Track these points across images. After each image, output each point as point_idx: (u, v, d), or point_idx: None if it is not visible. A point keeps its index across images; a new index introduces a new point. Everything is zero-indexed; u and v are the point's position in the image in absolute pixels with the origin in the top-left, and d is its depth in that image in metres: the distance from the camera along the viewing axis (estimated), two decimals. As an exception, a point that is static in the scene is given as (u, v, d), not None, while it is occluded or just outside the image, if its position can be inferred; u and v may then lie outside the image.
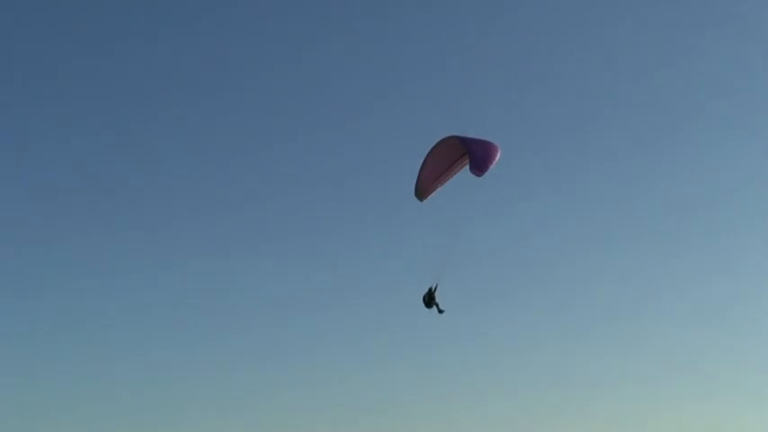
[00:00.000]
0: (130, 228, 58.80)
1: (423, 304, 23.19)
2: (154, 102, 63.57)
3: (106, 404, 48.56)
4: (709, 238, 58.88)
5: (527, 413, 48.44)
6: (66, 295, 54.74)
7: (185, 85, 64.08)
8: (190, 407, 49.25)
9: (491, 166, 21.41)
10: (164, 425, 47.78)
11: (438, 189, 22.82)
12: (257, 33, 63.98)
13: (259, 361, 51.91)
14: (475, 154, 21.31)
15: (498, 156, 21.58)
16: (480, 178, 21.25)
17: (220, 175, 63.05)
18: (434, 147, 22.30)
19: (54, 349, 51.55)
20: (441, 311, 23.15)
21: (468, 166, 21.59)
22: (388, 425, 48.04)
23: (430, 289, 23.07)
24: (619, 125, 63.78)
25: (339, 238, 59.54)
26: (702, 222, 59.76)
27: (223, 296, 55.48)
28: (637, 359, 51.85)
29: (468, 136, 21.89)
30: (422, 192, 22.97)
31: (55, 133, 61.72)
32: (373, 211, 60.40)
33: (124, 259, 56.87)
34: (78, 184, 61.16)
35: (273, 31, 63.57)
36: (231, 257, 57.63)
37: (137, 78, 63.26)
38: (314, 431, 47.96)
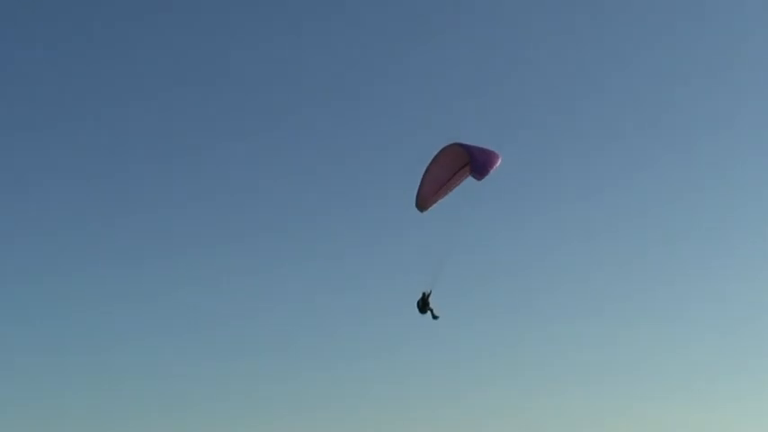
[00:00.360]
0: (126, 225, 59.16)
1: (417, 310, 22.99)
2: (153, 96, 63.63)
3: (103, 404, 48.88)
4: (704, 236, 59.38)
5: (522, 415, 48.78)
6: (64, 293, 55.04)
7: (181, 81, 64.21)
8: (188, 406, 49.52)
9: (491, 171, 21.51)
10: (162, 424, 48.10)
11: (439, 201, 22.70)
12: (253, 28, 63.93)
13: (256, 361, 52.18)
14: (476, 158, 21.41)
15: (499, 163, 21.64)
16: (480, 183, 21.33)
17: (219, 172, 63.21)
18: (437, 155, 22.27)
19: (50, 349, 51.88)
20: (435, 317, 23.00)
21: (469, 178, 21.65)
22: (384, 426, 48.38)
23: (424, 294, 22.94)
24: (613, 128, 64.08)
25: (335, 239, 59.65)
26: (697, 220, 60.27)
27: (220, 295, 55.71)
28: (633, 360, 52.17)
29: (471, 144, 21.93)
30: (423, 203, 22.88)
31: (55, 131, 61.95)
32: (370, 214, 60.51)
33: (119, 255, 57.22)
34: (75, 181, 61.34)
35: (270, 26, 63.64)
36: (229, 257, 57.82)
37: (134, 74, 63.45)
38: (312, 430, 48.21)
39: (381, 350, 52.81)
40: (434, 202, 22.73)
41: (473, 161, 21.38)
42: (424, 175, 22.61)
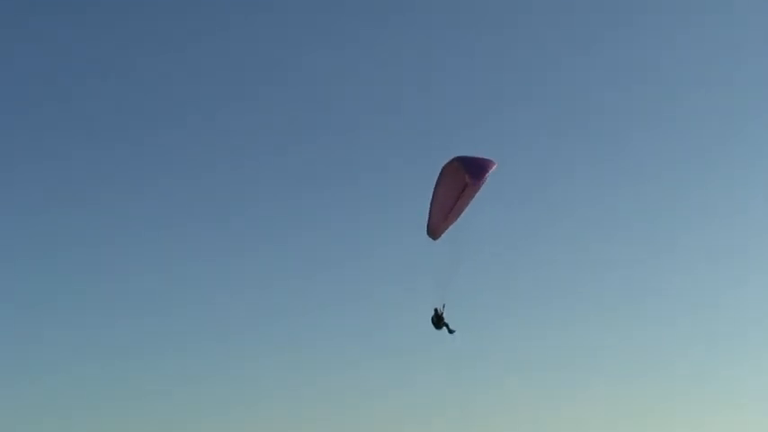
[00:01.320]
0: (129, 228, 59.23)
1: (432, 326, 22.99)
2: (161, 104, 63.95)
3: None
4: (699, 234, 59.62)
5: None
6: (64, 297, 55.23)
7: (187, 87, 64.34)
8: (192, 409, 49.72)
9: (487, 176, 21.65)
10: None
11: (450, 227, 22.65)
12: (260, 36, 64.19)
13: (263, 364, 52.52)
14: (471, 165, 21.61)
15: (494, 168, 21.79)
16: (478, 190, 21.55)
17: (227, 178, 63.30)
18: (439, 177, 22.43)
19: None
20: (451, 331, 23.05)
21: (474, 201, 21.86)
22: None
23: (436, 310, 22.98)
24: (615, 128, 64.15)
25: (343, 243, 59.79)
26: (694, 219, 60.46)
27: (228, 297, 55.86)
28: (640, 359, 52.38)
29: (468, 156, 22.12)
30: (434, 232, 22.97)
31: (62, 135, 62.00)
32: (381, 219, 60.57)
33: (124, 259, 57.39)
34: (79, 184, 61.49)
35: (278, 34, 63.76)
36: (238, 260, 58.05)
37: (143, 80, 63.56)
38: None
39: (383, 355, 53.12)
40: (445, 229, 22.77)
41: (468, 169, 21.56)
42: (431, 203, 22.74)
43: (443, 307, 22.95)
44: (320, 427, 48.11)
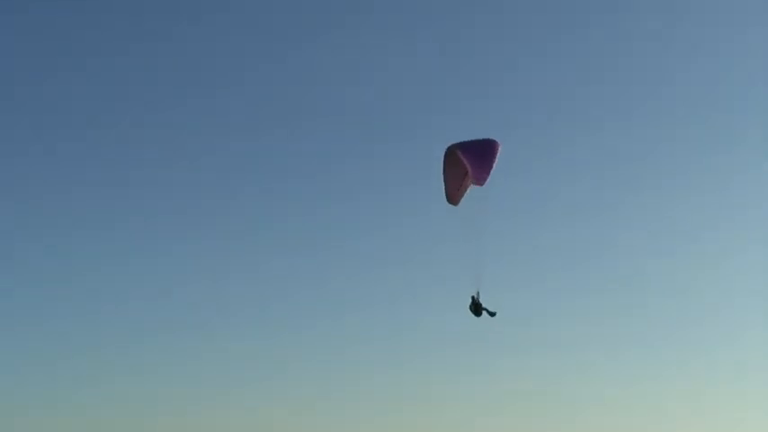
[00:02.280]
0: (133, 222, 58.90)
1: (472, 315, 22.90)
2: (166, 98, 64.32)
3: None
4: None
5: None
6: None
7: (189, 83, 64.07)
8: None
9: (491, 171, 21.56)
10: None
11: (467, 191, 22.71)
12: (264, 32, 63.83)
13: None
14: (472, 165, 21.53)
15: (497, 154, 21.70)
16: (484, 185, 21.40)
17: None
18: (444, 163, 22.53)
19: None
20: (492, 314, 22.99)
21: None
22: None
23: (473, 298, 22.92)
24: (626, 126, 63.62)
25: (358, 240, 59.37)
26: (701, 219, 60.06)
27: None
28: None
29: (467, 141, 22.08)
30: (452, 199, 23.12)
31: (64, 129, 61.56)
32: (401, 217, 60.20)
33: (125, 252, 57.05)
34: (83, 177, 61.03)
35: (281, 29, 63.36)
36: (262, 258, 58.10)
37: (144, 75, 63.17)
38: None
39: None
40: (462, 195, 22.87)
41: (471, 170, 21.53)
42: (443, 179, 22.91)
43: (478, 294, 22.90)
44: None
